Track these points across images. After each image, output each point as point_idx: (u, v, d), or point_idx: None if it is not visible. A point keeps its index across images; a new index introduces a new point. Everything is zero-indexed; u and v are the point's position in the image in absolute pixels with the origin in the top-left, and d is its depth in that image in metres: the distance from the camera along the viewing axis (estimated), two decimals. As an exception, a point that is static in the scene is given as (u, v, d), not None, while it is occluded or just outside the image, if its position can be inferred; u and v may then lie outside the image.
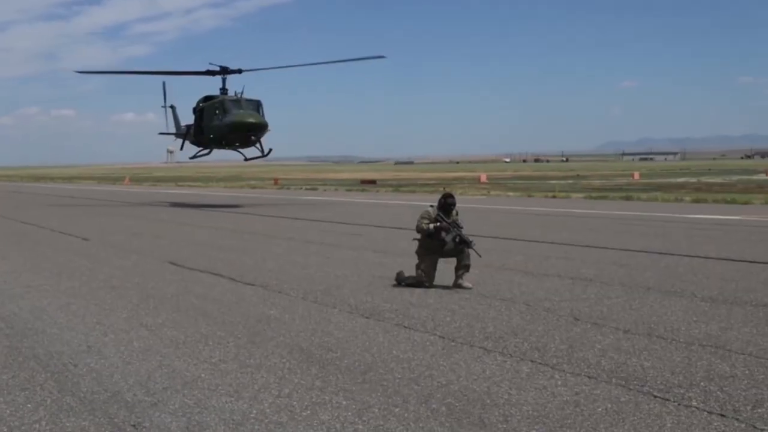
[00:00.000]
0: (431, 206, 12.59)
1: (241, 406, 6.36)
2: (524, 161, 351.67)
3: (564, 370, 7.30)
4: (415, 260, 12.52)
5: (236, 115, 39.29)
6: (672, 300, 10.89)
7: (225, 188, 73.38)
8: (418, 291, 11.89)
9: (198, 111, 43.21)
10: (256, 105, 40.88)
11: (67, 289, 12.65)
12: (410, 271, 12.65)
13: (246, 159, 45.15)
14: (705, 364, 7.43)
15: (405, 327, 9.35)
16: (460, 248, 12.24)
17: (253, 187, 69.43)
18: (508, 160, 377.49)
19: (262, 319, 9.96)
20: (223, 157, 52.23)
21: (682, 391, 6.56)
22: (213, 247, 18.88)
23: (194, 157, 45.69)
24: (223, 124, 39.81)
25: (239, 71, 42.63)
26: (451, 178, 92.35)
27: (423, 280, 12.18)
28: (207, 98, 43.04)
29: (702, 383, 6.80)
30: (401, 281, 12.45)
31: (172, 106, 51.19)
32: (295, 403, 6.44)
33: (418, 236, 12.53)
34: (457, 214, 12.57)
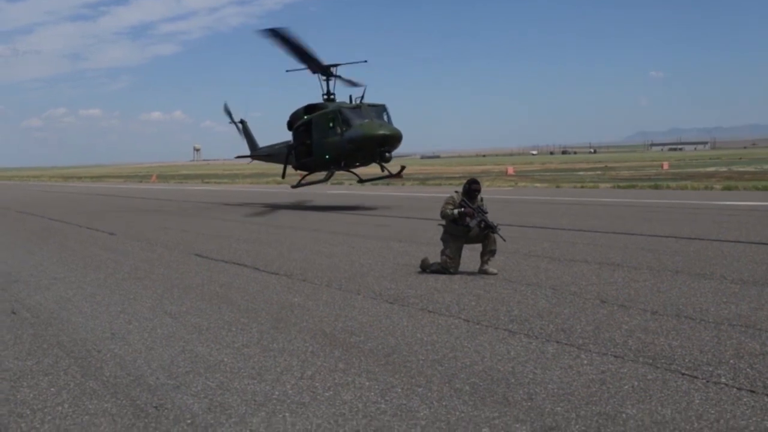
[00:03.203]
0: (456, 192, 12.52)
1: (263, 388, 6.33)
2: (551, 153, 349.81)
3: (590, 350, 7.20)
4: (440, 248, 12.46)
5: (363, 126, 29.78)
6: (701, 282, 10.73)
7: (252, 184, 73.48)
8: (443, 277, 11.82)
9: (301, 126, 33.56)
10: (383, 111, 31.36)
11: (92, 280, 12.70)
12: (435, 257, 12.58)
13: (361, 181, 35.81)
14: (734, 343, 7.30)
15: (429, 311, 9.29)
16: (485, 233, 12.15)
17: (279, 183, 69.49)
18: (535, 152, 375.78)
19: (286, 305, 9.93)
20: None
21: (710, 369, 6.45)
22: (240, 240, 18.90)
23: (299, 185, 35.44)
24: (346, 140, 30.34)
25: (329, 69, 33.45)
26: (478, 171, 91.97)
27: (448, 266, 12.10)
28: (310, 108, 33.71)
29: (731, 361, 6.68)
30: (426, 268, 12.38)
31: (242, 121, 42.39)
32: (317, 384, 6.40)
33: (443, 222, 12.47)
34: (482, 200, 12.49)
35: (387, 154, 30.06)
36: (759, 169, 66.59)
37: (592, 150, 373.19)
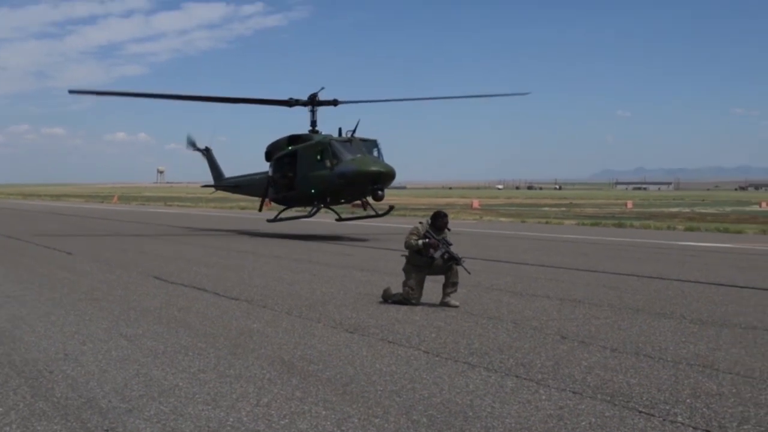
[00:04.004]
0: (421, 223, 12.50)
1: (218, 414, 6.22)
2: (517, 188, 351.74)
3: (549, 386, 7.17)
4: (402, 279, 12.41)
5: (356, 161, 28.32)
6: (661, 321, 10.78)
7: (216, 209, 72.97)
8: (404, 308, 11.77)
9: (284, 157, 31.70)
10: (374, 146, 29.81)
11: (48, 299, 12.49)
12: (397, 288, 12.53)
13: (340, 219, 32.98)
14: (692, 382, 7.32)
15: (389, 342, 9.23)
16: (449, 265, 12.13)
17: (242, 208, 69.05)
18: (500, 186, 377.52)
19: (245, 331, 9.82)
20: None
21: (667, 408, 6.45)
22: (200, 264, 18.72)
23: (276, 220, 32.49)
24: (336, 175, 28.58)
25: (335, 103, 32.44)
26: (444, 203, 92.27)
27: (410, 297, 12.05)
28: (294, 138, 32.02)
29: (688, 400, 6.69)
30: (388, 298, 12.32)
31: (207, 149, 39.82)
32: (273, 412, 6.31)
33: (407, 253, 12.43)
34: (446, 232, 12.48)
35: (380, 192, 28.30)
36: (721, 211, 67.50)
37: (558, 186, 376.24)
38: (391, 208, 31.89)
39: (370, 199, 29.81)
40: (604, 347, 8.93)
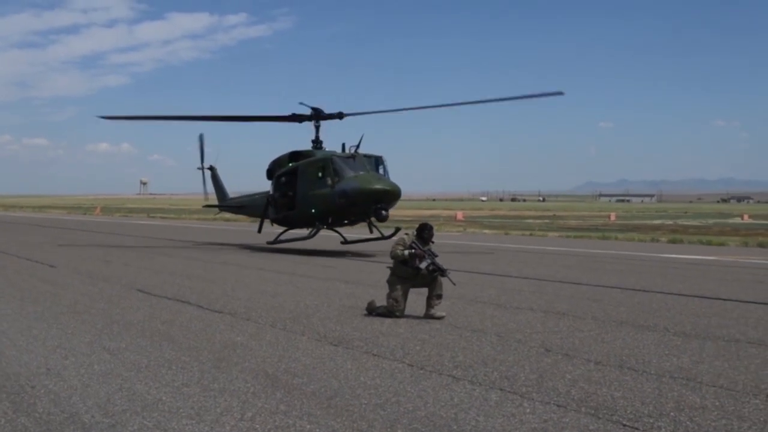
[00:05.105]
0: (407, 234, 12.53)
1: (202, 429, 6.19)
2: (501, 200, 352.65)
3: (533, 399, 7.18)
4: (386, 291, 12.40)
5: (359, 178, 26.57)
6: (644, 334, 10.82)
7: (200, 221, 72.73)
8: (388, 320, 11.76)
9: (284, 175, 30.11)
10: (379, 163, 28.19)
11: (29, 313, 12.38)
12: (381, 300, 12.52)
13: (345, 242, 30.23)
14: (675, 395, 7.34)
15: (374, 355, 9.21)
16: (434, 277, 12.14)
17: (227, 220, 68.88)
18: (484, 198, 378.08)
19: (229, 345, 9.78)
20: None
21: (651, 421, 6.46)
22: (184, 276, 18.65)
23: (276, 242, 30.21)
24: (337, 193, 26.79)
25: (340, 116, 30.83)
26: (428, 215, 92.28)
27: (394, 309, 12.05)
28: (295, 155, 30.58)
29: (672, 413, 6.70)
30: (372, 311, 12.32)
31: (211, 167, 38.69)
32: (257, 426, 6.28)
33: (391, 264, 12.44)
34: (432, 243, 12.51)
35: (383, 212, 26.24)
36: (703, 223, 67.89)
37: (541, 198, 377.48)
38: (398, 230, 28.32)
39: (374, 220, 27.92)
40: (588, 360, 8.95)
